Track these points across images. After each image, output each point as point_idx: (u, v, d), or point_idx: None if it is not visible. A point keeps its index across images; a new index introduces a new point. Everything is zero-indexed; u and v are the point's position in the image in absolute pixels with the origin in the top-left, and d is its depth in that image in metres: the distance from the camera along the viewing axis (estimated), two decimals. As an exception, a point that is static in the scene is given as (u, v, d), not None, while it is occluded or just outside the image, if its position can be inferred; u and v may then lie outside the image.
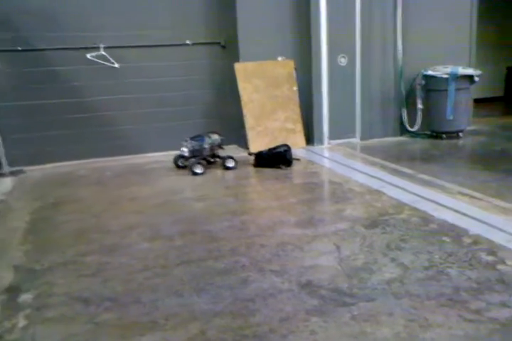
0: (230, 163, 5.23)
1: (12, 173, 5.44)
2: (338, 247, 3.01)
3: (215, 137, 5.35)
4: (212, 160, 5.39)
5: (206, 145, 5.23)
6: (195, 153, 5.20)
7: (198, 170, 5.02)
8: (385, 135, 6.58)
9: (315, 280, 2.59)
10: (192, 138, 5.24)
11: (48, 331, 2.22)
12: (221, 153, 5.45)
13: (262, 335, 2.11)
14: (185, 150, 5.16)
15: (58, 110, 5.70)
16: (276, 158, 5.19)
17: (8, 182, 5.13)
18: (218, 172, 5.14)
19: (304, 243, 3.11)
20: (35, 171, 5.51)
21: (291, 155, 5.27)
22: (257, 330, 2.15)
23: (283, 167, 5.13)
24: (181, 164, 5.32)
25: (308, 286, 2.53)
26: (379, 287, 2.48)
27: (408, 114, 6.62)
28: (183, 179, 4.91)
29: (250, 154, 5.50)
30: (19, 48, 5.41)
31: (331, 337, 2.07)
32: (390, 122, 6.61)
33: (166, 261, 2.92)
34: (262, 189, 4.42)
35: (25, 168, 5.59)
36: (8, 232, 3.58)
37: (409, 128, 6.62)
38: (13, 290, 2.63)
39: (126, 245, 3.22)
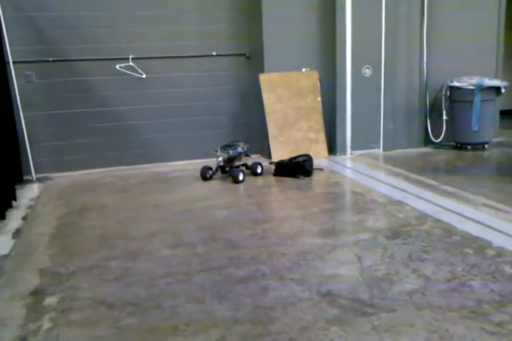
0: (259, 169, 5.38)
1: (39, 180, 5.58)
2: (359, 257, 3.00)
3: (242, 145, 5.46)
4: (242, 168, 5.44)
5: (239, 154, 5.38)
6: (228, 162, 5.28)
7: (241, 177, 5.11)
8: (409, 146, 6.54)
9: (335, 289, 2.59)
10: (225, 147, 5.31)
11: (72, 334, 2.27)
12: (248, 161, 5.55)
13: (282, 343, 2.12)
14: (220, 160, 5.21)
15: (86, 119, 5.85)
16: (296, 168, 5.24)
17: (35, 188, 5.26)
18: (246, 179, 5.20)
19: (325, 252, 3.11)
20: (61, 178, 5.64)
21: (311, 165, 5.29)
22: (276, 338, 2.16)
23: (301, 177, 5.16)
24: (209, 175, 5.30)
25: (328, 295, 2.53)
26: (400, 298, 2.47)
27: (433, 124, 6.58)
28: (206, 187, 4.96)
29: (271, 163, 5.55)
30: (50, 59, 5.58)
31: (351, 347, 2.07)
32: (414, 133, 6.57)
33: (187, 268, 2.96)
34: (284, 198, 4.44)
35: (52, 175, 5.73)
36: (35, 237, 3.67)
37: (434, 140, 6.57)
38: (39, 294, 2.70)
39: (149, 251, 3.27)
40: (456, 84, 6.20)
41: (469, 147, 6.34)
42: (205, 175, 5.26)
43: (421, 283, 2.62)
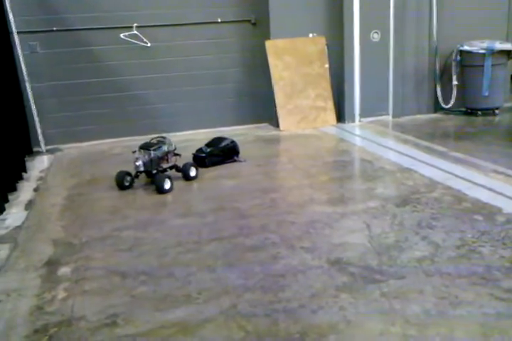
0: (192, 172, 4.18)
1: (49, 151, 5.60)
2: (368, 225, 3.01)
3: (170, 142, 4.27)
4: (169, 172, 4.22)
5: (165, 154, 4.20)
6: (151, 166, 4.05)
7: (167, 185, 3.89)
8: (418, 112, 6.46)
9: (345, 257, 2.61)
10: (146, 147, 4.09)
11: (87, 303, 2.32)
12: (178, 161, 4.31)
13: (292, 310, 2.15)
14: (139, 164, 3.97)
15: (93, 89, 5.80)
16: (230, 151, 4.72)
17: (45, 160, 5.29)
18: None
19: (334, 221, 3.13)
20: (71, 149, 5.65)
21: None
22: (287, 305, 2.20)
23: (240, 159, 4.70)
24: (127, 183, 4.04)
25: (337, 263, 2.55)
26: (409, 265, 2.49)
27: (442, 90, 6.46)
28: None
29: (196, 155, 4.61)
30: (54, 29, 5.49)
31: (360, 313, 2.10)
32: (423, 99, 6.47)
33: (198, 237, 2.99)
34: (293, 167, 4.42)
35: (62, 146, 5.74)
36: (47, 208, 3.72)
37: (444, 105, 6.47)
38: (53, 264, 2.75)
39: (160, 221, 3.31)
40: (466, 48, 6.06)
41: (480, 112, 6.25)
42: (122, 182, 4.00)
43: (430, 250, 2.63)
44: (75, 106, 5.78)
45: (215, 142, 4.74)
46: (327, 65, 6.09)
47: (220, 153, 4.65)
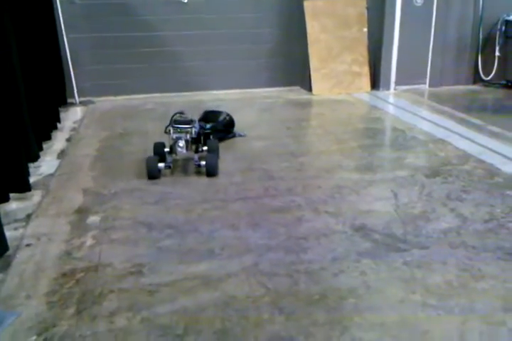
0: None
1: (82, 103, 5.65)
2: (395, 194, 2.98)
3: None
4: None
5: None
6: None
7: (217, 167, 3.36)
8: (457, 83, 6.25)
9: (369, 224, 2.61)
10: (180, 123, 3.41)
11: (114, 251, 2.39)
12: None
13: (313, 272, 2.18)
14: (182, 146, 3.35)
15: (128, 43, 5.76)
16: (229, 125, 4.31)
17: (78, 111, 5.35)
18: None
19: (361, 187, 3.11)
20: (104, 102, 5.69)
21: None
22: (308, 267, 2.22)
23: (240, 133, 4.27)
24: (169, 164, 3.34)
25: (361, 230, 2.55)
26: (434, 236, 2.47)
27: (484, 61, 6.22)
28: (245, 116, 4.93)
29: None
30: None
31: (381, 280, 2.11)
32: (463, 69, 6.24)
33: (224, 196, 3.01)
34: (323, 131, 4.37)
35: (95, 99, 5.78)
36: (79, 158, 3.79)
37: (484, 77, 6.24)
38: (82, 212, 2.82)
39: (188, 179, 3.33)
40: (514, 17, 5.78)
41: (521, 86, 6.03)
42: (154, 170, 3.26)
43: (457, 222, 2.60)
44: (109, 60, 5.77)
45: (210, 116, 4.13)
46: (365, 29, 5.90)
47: (222, 128, 4.16)
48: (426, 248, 2.36)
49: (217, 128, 4.09)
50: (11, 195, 2.99)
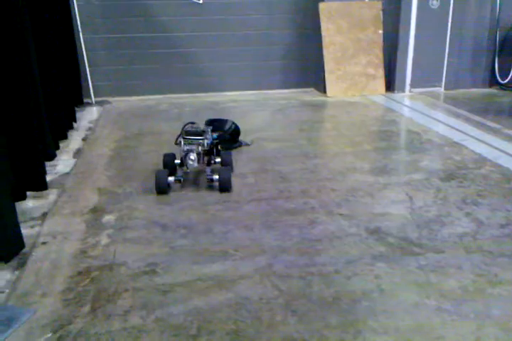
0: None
1: (98, 103, 5.70)
2: (410, 197, 2.97)
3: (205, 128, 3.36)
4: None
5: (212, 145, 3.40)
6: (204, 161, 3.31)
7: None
8: (473, 86, 6.20)
9: (384, 227, 2.60)
10: (192, 134, 3.19)
11: (128, 250, 2.40)
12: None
13: (327, 274, 2.17)
14: (193, 159, 3.10)
15: (143, 44, 5.80)
16: (236, 134, 4.08)
17: (94, 111, 5.39)
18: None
19: (376, 190, 3.09)
20: (119, 102, 5.73)
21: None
22: (322, 269, 2.22)
23: (245, 142, 4.08)
24: (179, 178, 3.14)
25: (376, 233, 2.54)
26: (450, 240, 2.45)
27: (500, 64, 6.15)
28: (259, 117, 4.94)
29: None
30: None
31: (395, 283, 2.10)
32: (479, 72, 6.19)
33: (238, 197, 3.02)
34: (337, 134, 4.36)
35: (110, 99, 5.83)
36: (95, 158, 3.81)
37: (500, 80, 6.18)
38: (98, 211, 2.84)
39: (202, 178, 3.34)
40: (534, 20, 5.71)
41: (539, 90, 5.95)
42: (163, 185, 3.06)
43: (473, 227, 2.58)
44: (125, 60, 5.82)
45: (216, 125, 3.80)
46: (381, 31, 5.88)
47: (228, 137, 3.96)
48: (441, 252, 2.34)
49: (225, 137, 3.86)
50: (28, 193, 3.03)
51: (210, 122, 3.95)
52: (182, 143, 3.16)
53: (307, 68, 6.16)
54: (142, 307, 1.95)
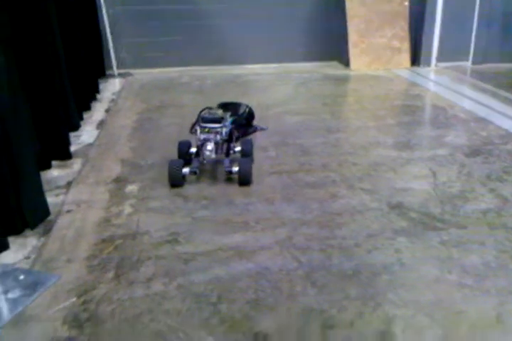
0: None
1: (120, 75, 5.70)
2: (434, 173, 2.93)
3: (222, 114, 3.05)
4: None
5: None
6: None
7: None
8: (502, 60, 6.00)
9: (406, 202, 2.57)
10: (209, 121, 2.92)
11: (151, 219, 2.43)
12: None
13: (347, 248, 2.17)
14: (211, 149, 2.85)
15: (166, 16, 5.74)
16: (251, 118, 3.83)
17: (117, 83, 5.40)
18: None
19: (398, 165, 3.06)
20: (141, 75, 5.72)
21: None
22: (342, 243, 2.22)
23: (260, 127, 3.78)
24: (195, 170, 2.82)
25: (398, 207, 2.52)
26: (473, 216, 2.42)
27: (532, 38, 5.96)
28: (281, 91, 4.89)
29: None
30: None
31: (416, 258, 2.09)
32: (508, 46, 5.98)
33: (258, 170, 3.01)
34: (360, 108, 4.30)
35: (133, 71, 5.82)
36: (117, 129, 3.84)
37: (531, 55, 5.99)
38: (121, 181, 2.88)
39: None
40: None
41: None
42: (177, 177, 2.78)
43: (497, 203, 2.54)
44: (147, 33, 5.78)
45: (229, 108, 3.37)
46: (407, 3, 5.71)
47: (244, 122, 3.68)
48: (464, 227, 2.32)
49: (240, 122, 3.51)
50: (53, 162, 3.07)
51: (223, 106, 3.54)
52: (198, 131, 2.87)
53: (330, 41, 6.04)
54: (164, 274, 1.99)
